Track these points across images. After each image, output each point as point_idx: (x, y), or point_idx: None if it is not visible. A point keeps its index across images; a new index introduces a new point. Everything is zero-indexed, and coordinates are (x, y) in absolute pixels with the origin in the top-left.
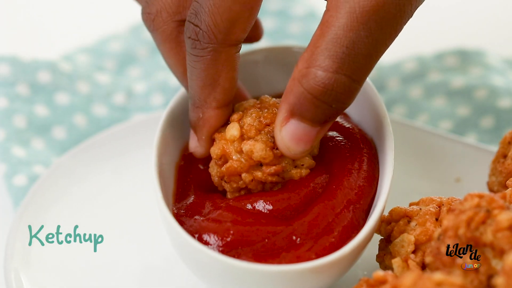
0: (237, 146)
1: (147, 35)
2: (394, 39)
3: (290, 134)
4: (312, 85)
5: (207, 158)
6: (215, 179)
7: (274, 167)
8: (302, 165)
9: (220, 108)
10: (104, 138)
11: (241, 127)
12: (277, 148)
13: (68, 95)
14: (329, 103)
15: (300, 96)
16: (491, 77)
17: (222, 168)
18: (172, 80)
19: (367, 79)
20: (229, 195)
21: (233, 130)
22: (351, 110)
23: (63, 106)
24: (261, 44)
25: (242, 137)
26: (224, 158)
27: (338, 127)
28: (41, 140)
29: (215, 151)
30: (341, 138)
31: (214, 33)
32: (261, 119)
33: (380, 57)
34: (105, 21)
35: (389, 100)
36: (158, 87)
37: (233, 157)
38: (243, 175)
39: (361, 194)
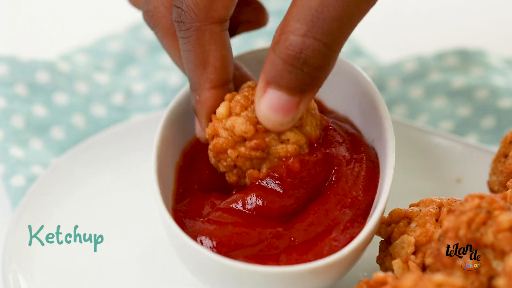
0: (224, 124)
1: (146, 35)
2: (369, 5)
3: (267, 103)
4: (283, 50)
5: (208, 159)
6: (212, 160)
7: (255, 140)
8: (288, 140)
9: (216, 89)
10: (103, 139)
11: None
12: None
13: (67, 95)
14: (300, 68)
15: (273, 63)
16: (491, 77)
17: (209, 146)
18: (172, 80)
19: (369, 79)
20: (226, 177)
21: (221, 108)
22: (353, 111)
23: (62, 106)
24: (263, 43)
25: (230, 115)
26: (215, 137)
27: (340, 132)
28: (40, 141)
29: (208, 131)
30: (342, 142)
31: (195, 12)
32: (250, 96)
33: (354, 22)
34: (104, 21)
35: (389, 100)
36: (157, 87)
37: (222, 134)
38: (229, 151)
39: (360, 199)
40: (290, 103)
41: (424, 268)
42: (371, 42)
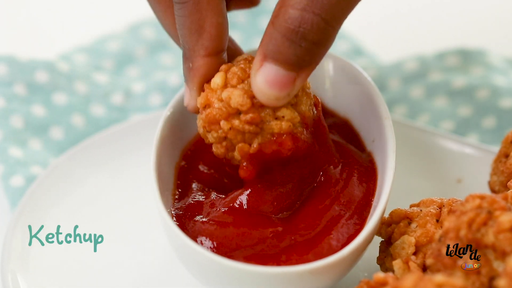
0: (219, 95)
1: (145, 34)
2: None
3: (263, 77)
4: (282, 23)
5: (209, 159)
6: (201, 130)
7: (251, 114)
8: (283, 117)
9: (209, 57)
10: (102, 139)
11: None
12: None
13: (66, 95)
14: (298, 42)
15: (271, 37)
16: (492, 77)
17: (202, 115)
18: (171, 80)
19: (369, 79)
20: (213, 148)
21: (216, 78)
22: (353, 111)
23: (61, 106)
24: None
25: (226, 86)
26: (208, 107)
27: (336, 139)
28: (39, 141)
29: (200, 100)
30: (331, 143)
31: None
32: (247, 69)
33: (354, 0)
34: (103, 20)
35: (389, 100)
36: (157, 87)
37: (215, 105)
38: (222, 122)
39: (357, 200)
40: (286, 78)
41: (424, 268)
42: (371, 42)
